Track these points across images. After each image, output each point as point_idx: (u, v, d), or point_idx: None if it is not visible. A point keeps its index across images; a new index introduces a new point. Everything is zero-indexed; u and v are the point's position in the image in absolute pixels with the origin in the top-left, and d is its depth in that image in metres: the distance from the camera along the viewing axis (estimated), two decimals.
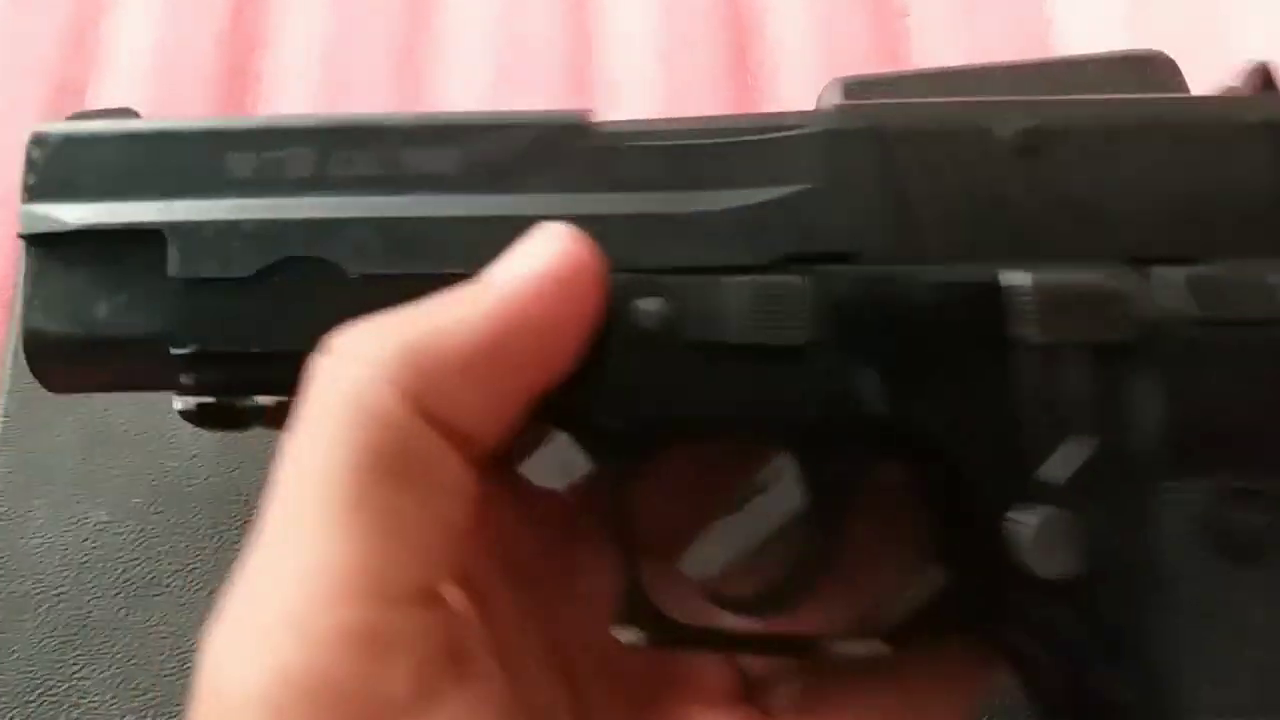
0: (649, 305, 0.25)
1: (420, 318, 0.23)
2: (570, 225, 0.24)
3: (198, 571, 0.40)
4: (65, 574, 0.39)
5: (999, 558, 0.24)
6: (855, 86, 0.47)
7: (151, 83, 0.59)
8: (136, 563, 0.40)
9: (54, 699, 0.37)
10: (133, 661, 0.38)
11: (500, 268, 0.24)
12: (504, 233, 0.25)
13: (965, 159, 0.26)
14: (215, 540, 0.40)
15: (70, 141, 0.26)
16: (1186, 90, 0.47)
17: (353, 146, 0.26)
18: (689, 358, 0.25)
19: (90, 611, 0.39)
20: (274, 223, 0.25)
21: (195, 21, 0.62)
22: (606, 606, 0.26)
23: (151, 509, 0.41)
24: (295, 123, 0.26)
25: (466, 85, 0.60)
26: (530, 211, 0.25)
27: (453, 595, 0.24)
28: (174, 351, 0.25)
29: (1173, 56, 0.48)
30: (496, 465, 0.26)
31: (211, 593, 0.39)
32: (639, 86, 0.58)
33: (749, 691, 0.29)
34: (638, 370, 0.25)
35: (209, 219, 0.26)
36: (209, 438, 0.42)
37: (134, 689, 0.38)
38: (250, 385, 0.26)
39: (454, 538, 0.23)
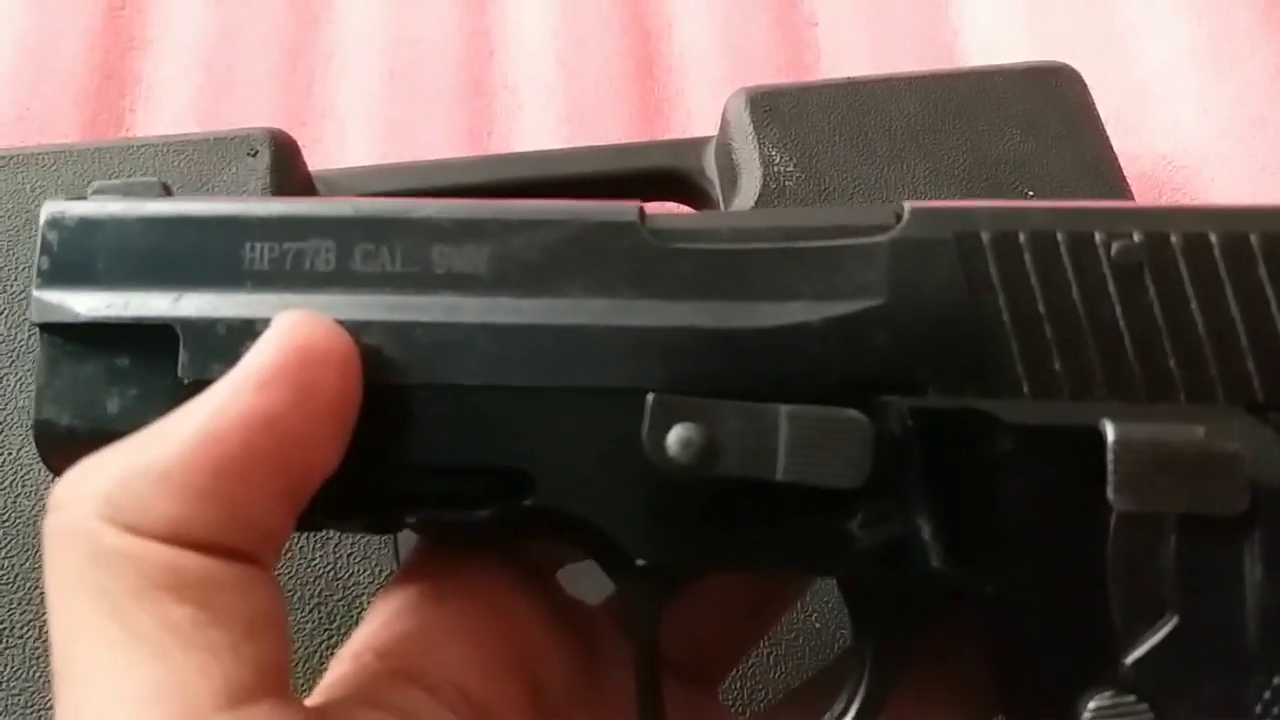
0: (684, 432, 0.22)
1: (127, 448, 0.22)
2: (304, 312, 0.22)
3: None
4: None
5: None
6: (760, 96, 0.47)
7: (13, 85, 0.55)
8: None
9: None
10: None
11: (234, 372, 0.22)
12: (535, 341, 0.23)
13: (1055, 272, 0.22)
14: None
15: (86, 225, 0.24)
16: (1090, 101, 0.47)
17: (376, 240, 0.24)
18: (725, 493, 0.22)
19: None
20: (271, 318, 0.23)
21: (62, 19, 0.58)
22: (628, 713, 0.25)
23: (2, 553, 0.37)
24: (319, 211, 0.24)
25: (357, 88, 0.57)
26: (564, 320, 0.23)
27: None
28: None
29: (1075, 68, 0.48)
30: (529, 579, 0.25)
31: None
32: (539, 92, 0.56)
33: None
34: (667, 503, 0.22)
35: (222, 316, 0.24)
36: None
37: None
38: None
39: (271, 628, 0.21)
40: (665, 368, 0.22)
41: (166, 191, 0.25)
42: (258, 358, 0.22)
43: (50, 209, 0.24)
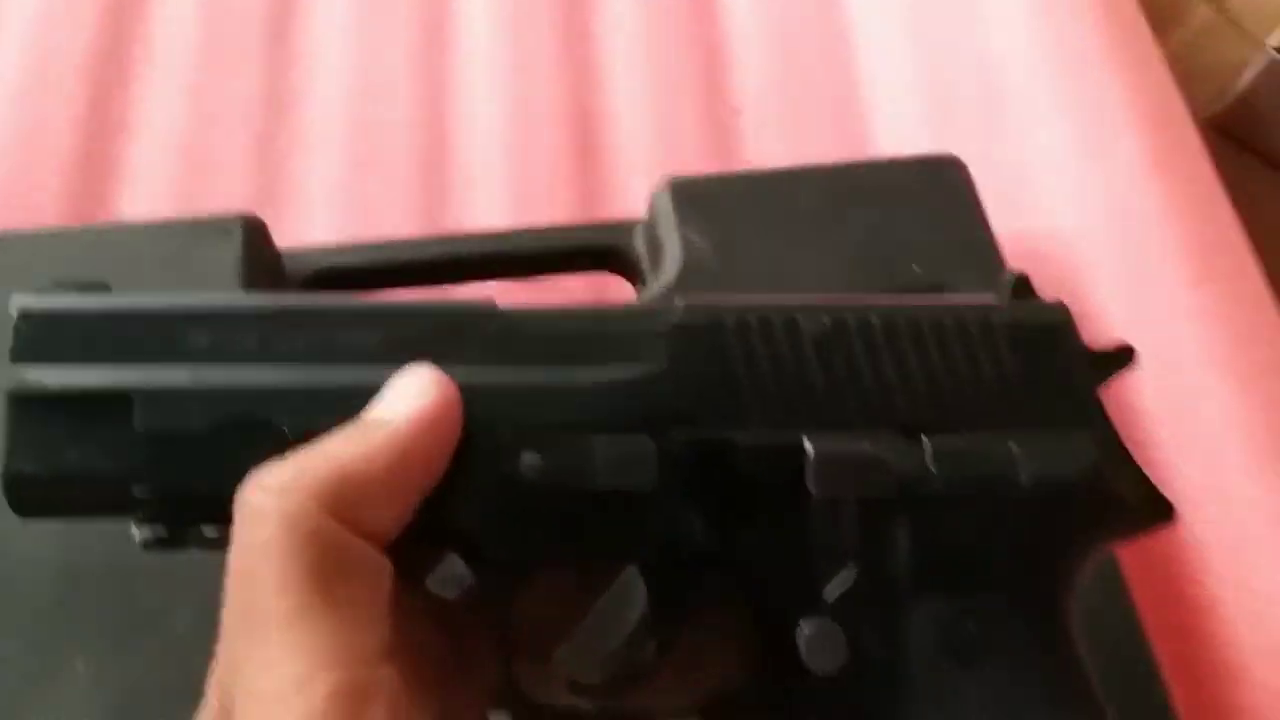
0: (529, 458, 0.30)
1: (332, 454, 0.28)
2: (433, 368, 0.30)
3: (38, 647, 0.40)
4: None
5: (789, 657, 0.30)
6: (680, 184, 0.52)
7: (1, 167, 0.60)
8: None
9: None
10: None
11: (385, 407, 0.30)
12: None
13: (776, 349, 0.32)
14: (58, 616, 0.40)
15: (52, 316, 0.31)
16: (974, 188, 0.53)
17: (293, 327, 0.31)
18: (558, 500, 0.31)
19: None
20: (225, 389, 0.30)
21: (51, 105, 0.63)
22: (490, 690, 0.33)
23: None
24: (246, 305, 0.32)
25: (323, 171, 0.62)
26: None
27: None
28: (136, 493, 0.30)
29: (966, 160, 0.54)
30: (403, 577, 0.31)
31: (52, 671, 0.39)
32: (490, 176, 0.62)
33: None
34: (517, 508, 0.31)
35: (170, 385, 0.30)
36: None
37: None
38: (199, 520, 0.31)
39: (388, 608, 0.28)
40: (516, 413, 0.31)
41: (106, 288, 0.32)
42: (420, 400, 0.30)
43: (19, 301, 0.31)
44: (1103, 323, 0.53)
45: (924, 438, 0.32)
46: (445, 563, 0.31)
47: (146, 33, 0.67)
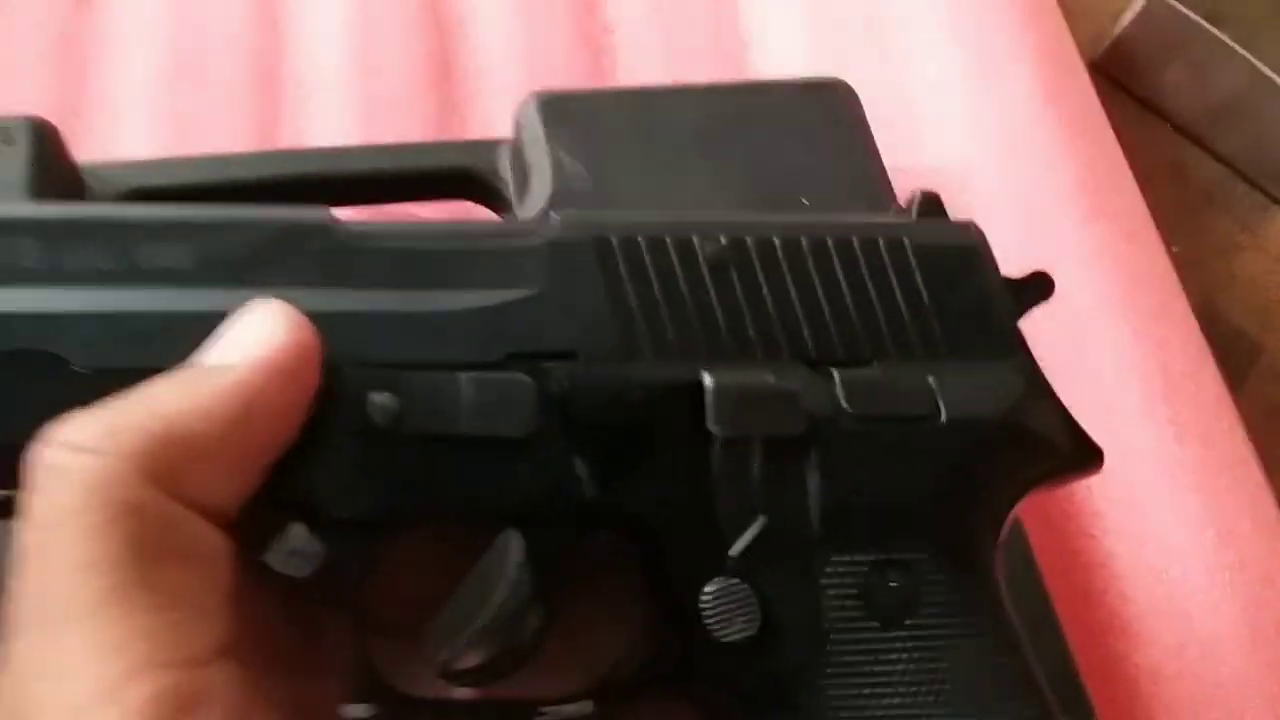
0: (379, 399, 0.26)
1: (158, 406, 0.24)
2: (285, 304, 0.25)
3: None
4: None
5: (691, 624, 0.27)
6: (550, 100, 0.47)
7: None
8: None
9: None
10: None
11: (225, 349, 0.25)
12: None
13: (669, 270, 0.29)
14: None
15: None
16: (863, 116, 0.50)
17: (83, 239, 0.26)
18: (416, 449, 0.26)
19: None
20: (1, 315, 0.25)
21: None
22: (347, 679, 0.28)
23: None
24: (27, 214, 0.27)
25: (137, 78, 0.55)
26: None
27: None
28: None
29: (854, 83, 0.51)
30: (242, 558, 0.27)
31: None
32: (333, 89, 0.55)
33: None
34: (367, 461, 0.26)
35: None
36: None
37: None
38: None
39: (227, 596, 0.24)
40: (361, 346, 0.26)
41: None
42: (269, 343, 0.25)
43: None
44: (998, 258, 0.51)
45: (834, 371, 0.29)
46: (288, 534, 0.26)
47: None
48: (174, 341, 0.25)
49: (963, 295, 0.30)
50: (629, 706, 0.30)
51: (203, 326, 0.25)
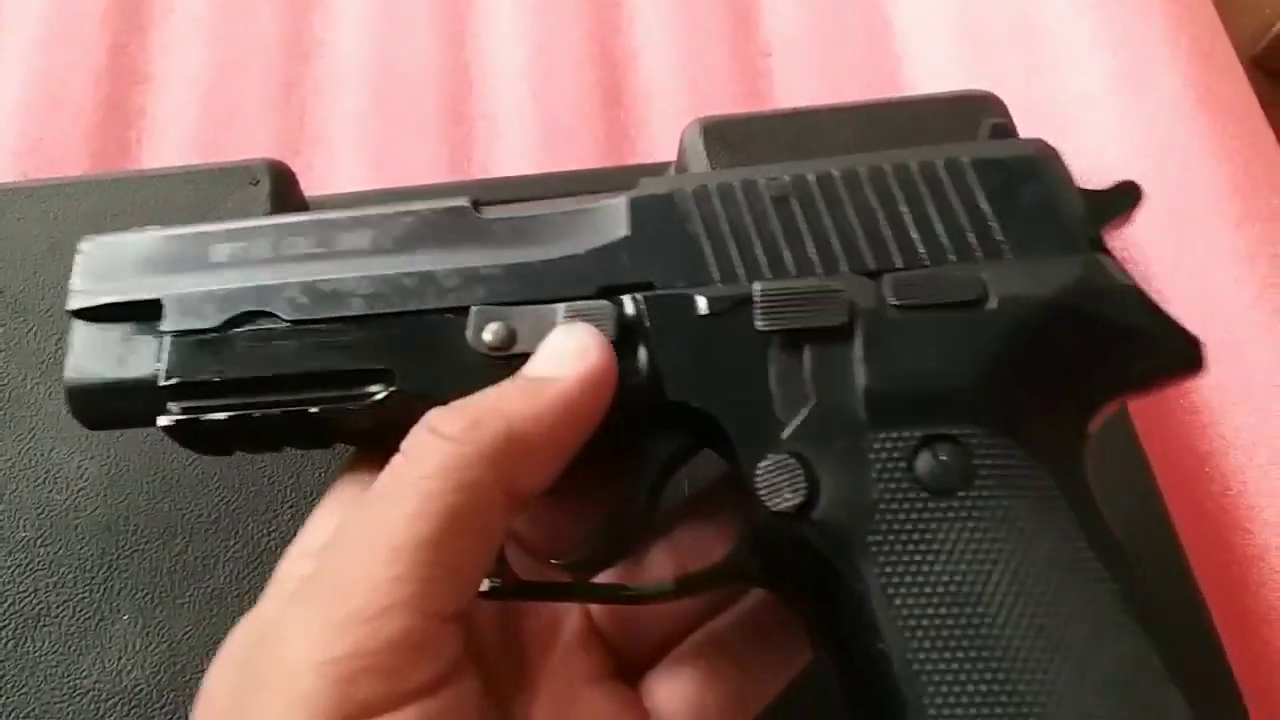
0: (495, 328, 0.32)
1: (506, 408, 0.29)
2: (593, 327, 0.32)
3: (86, 602, 0.40)
4: None
5: (751, 499, 0.31)
6: (711, 125, 0.51)
7: (25, 119, 0.60)
8: (24, 594, 0.41)
9: None
10: (22, 692, 0.39)
11: (548, 364, 0.31)
12: (399, 282, 0.34)
13: (735, 209, 0.33)
14: (104, 571, 0.41)
15: (103, 246, 0.35)
16: (1011, 125, 0.52)
17: (298, 234, 0.35)
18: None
19: None
20: (234, 289, 0.34)
21: (70, 56, 0.62)
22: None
23: (38, 542, 0.41)
24: (261, 222, 0.35)
25: (347, 119, 0.61)
26: (422, 268, 0.34)
27: None
28: (161, 384, 0.33)
29: (1003, 96, 0.53)
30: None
31: (100, 622, 0.40)
32: (514, 121, 0.61)
33: (620, 671, 0.35)
34: (486, 382, 0.31)
35: (192, 291, 0.34)
36: (94, 470, 0.42)
37: (23, 719, 0.38)
38: (215, 406, 0.33)
39: (475, 582, 0.29)
40: (486, 291, 0.33)
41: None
42: (585, 360, 0.31)
43: (84, 240, 0.35)
44: (1144, 263, 0.52)
45: (885, 275, 0.32)
46: None
47: None
48: (352, 297, 0.33)
49: (1023, 201, 0.32)
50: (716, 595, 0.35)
51: (375, 284, 0.33)
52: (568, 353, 0.31)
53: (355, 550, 0.27)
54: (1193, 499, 0.47)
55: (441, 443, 0.28)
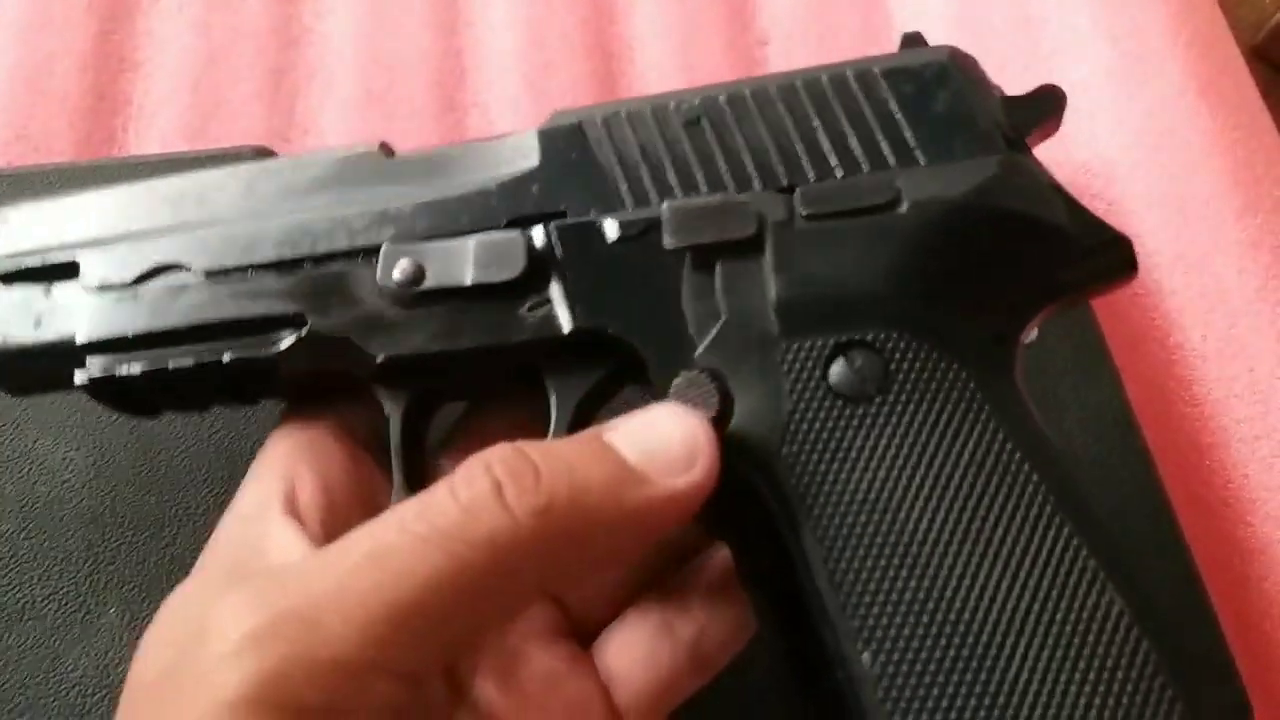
0: (404, 264, 0.32)
1: (583, 507, 0.26)
2: (709, 430, 0.28)
3: (72, 595, 0.40)
4: None
5: None
6: None
7: (10, 106, 0.58)
8: (8, 588, 0.40)
9: None
10: (7, 686, 0.38)
11: (647, 454, 0.27)
12: (310, 226, 0.34)
13: (647, 134, 0.33)
14: (90, 564, 0.40)
15: (21, 211, 0.36)
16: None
17: (210, 189, 0.35)
18: (441, 304, 0.32)
19: None
20: (147, 244, 0.34)
21: (56, 42, 0.61)
22: None
23: (23, 534, 0.41)
24: (175, 180, 0.35)
25: (337, 107, 0.60)
26: (331, 212, 0.34)
27: None
28: (78, 341, 0.33)
29: (1002, 85, 0.52)
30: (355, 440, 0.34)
31: (86, 616, 0.39)
32: (508, 110, 0.60)
33: (572, 630, 0.33)
34: (399, 317, 0.32)
35: (107, 248, 0.34)
36: (80, 461, 0.42)
37: (9, 713, 0.38)
38: (134, 360, 0.33)
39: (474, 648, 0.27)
40: (395, 229, 0.33)
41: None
42: (688, 473, 0.27)
43: (3, 209, 0.36)
44: (1145, 254, 0.51)
45: (796, 188, 0.31)
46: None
47: None
48: (267, 243, 0.33)
49: (937, 107, 0.32)
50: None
51: (298, 227, 0.34)
52: (674, 453, 0.28)
53: (353, 588, 0.24)
54: (1194, 492, 0.47)
55: (501, 511, 0.25)
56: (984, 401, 0.29)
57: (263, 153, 0.49)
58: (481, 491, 0.25)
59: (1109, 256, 0.31)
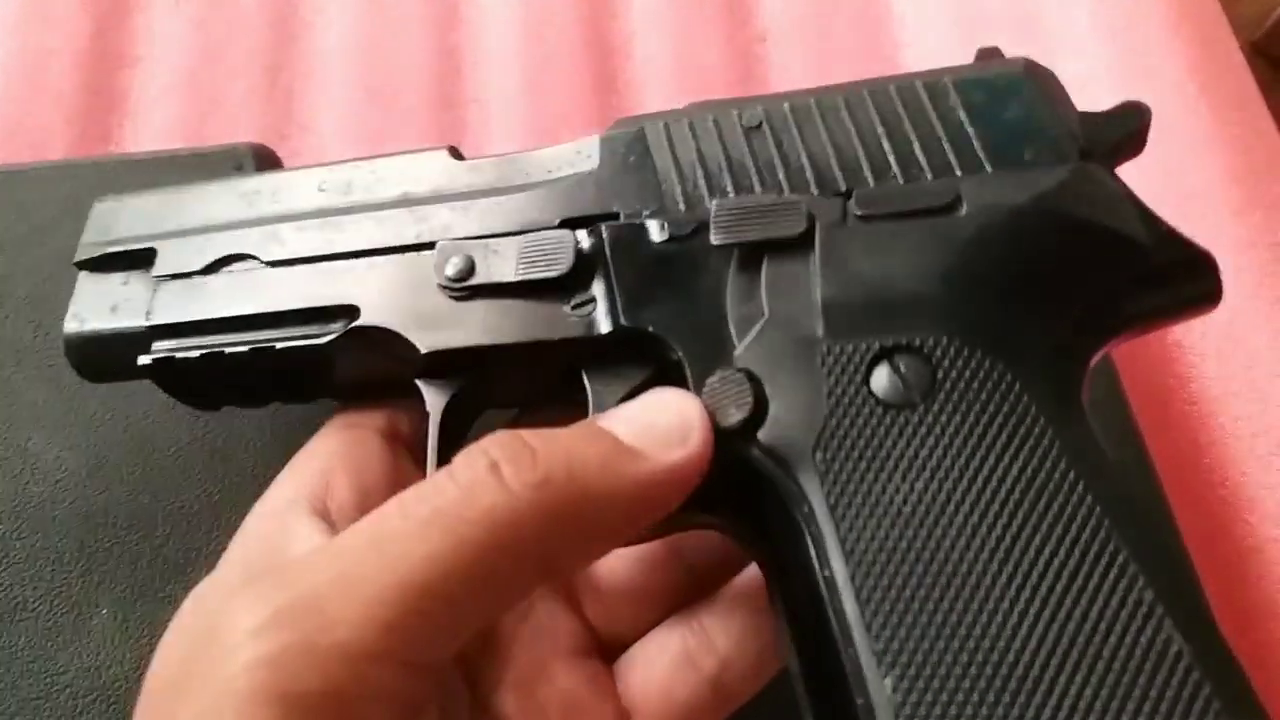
0: (457, 261, 0.33)
1: (581, 481, 0.26)
2: (702, 409, 0.29)
3: (64, 595, 0.40)
4: None
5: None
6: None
7: (5, 101, 0.58)
8: (0, 588, 0.40)
9: None
10: None
11: (642, 431, 0.28)
12: (386, 219, 0.35)
13: (707, 139, 0.33)
14: (83, 564, 0.40)
15: (111, 202, 0.37)
16: None
17: (279, 187, 0.36)
18: (490, 299, 0.33)
19: None
20: (219, 236, 0.35)
21: (52, 39, 0.61)
22: None
23: (15, 534, 0.40)
24: (250, 177, 0.37)
25: (335, 104, 0.60)
26: (394, 209, 0.35)
27: None
28: (144, 325, 0.34)
29: None
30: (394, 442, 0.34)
31: (78, 616, 0.39)
32: (506, 106, 0.60)
33: (597, 647, 0.33)
34: (445, 309, 0.33)
35: (183, 238, 0.36)
36: (73, 461, 0.41)
37: (0, 713, 0.38)
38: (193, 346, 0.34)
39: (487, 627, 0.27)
40: (452, 227, 0.34)
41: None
42: (682, 449, 0.27)
43: (99, 200, 0.37)
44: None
45: (854, 191, 0.31)
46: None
47: None
48: (334, 240, 0.35)
49: (1008, 117, 0.31)
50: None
51: (362, 223, 0.35)
52: (668, 429, 0.28)
53: (354, 574, 0.24)
54: (1192, 490, 0.47)
55: (499, 487, 0.25)
56: (1038, 415, 0.27)
57: (260, 150, 0.49)
58: (479, 471, 0.25)
59: (1190, 277, 0.30)
